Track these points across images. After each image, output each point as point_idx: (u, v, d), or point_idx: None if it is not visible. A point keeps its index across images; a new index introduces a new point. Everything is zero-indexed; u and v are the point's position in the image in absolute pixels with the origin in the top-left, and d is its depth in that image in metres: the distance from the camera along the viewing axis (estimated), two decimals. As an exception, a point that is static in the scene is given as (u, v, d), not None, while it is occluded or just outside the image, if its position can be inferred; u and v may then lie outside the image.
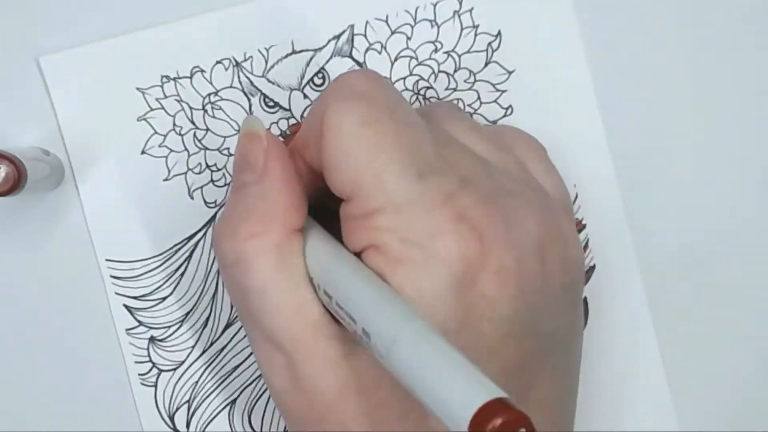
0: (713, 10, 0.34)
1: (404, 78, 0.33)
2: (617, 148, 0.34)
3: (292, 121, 0.33)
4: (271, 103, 0.33)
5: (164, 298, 0.34)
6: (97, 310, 0.33)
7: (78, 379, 0.34)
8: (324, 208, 0.28)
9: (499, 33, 0.33)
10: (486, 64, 0.33)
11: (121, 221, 0.33)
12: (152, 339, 0.34)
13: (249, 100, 0.33)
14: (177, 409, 0.34)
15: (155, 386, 0.34)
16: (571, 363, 0.29)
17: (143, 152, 0.33)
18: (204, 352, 0.34)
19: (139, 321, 0.34)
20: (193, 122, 0.33)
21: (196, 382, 0.34)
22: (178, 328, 0.34)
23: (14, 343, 0.33)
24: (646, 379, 0.34)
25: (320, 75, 0.33)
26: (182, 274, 0.33)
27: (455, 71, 0.33)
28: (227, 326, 0.34)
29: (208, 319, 0.34)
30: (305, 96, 0.33)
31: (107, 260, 0.33)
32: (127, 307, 0.34)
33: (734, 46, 0.34)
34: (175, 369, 0.34)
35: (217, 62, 0.33)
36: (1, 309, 0.33)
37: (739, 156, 0.34)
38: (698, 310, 0.34)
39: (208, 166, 0.33)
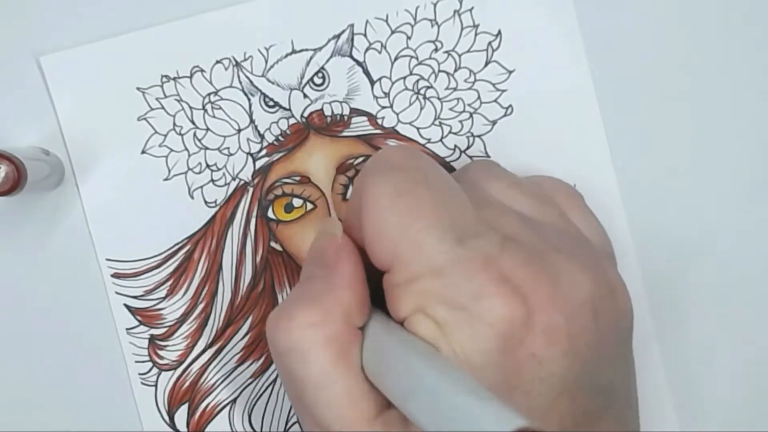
0: (713, 9, 0.34)
1: (404, 77, 0.33)
2: (617, 148, 0.34)
3: (292, 121, 0.33)
4: (271, 103, 0.33)
5: (164, 298, 0.34)
6: (97, 309, 0.33)
7: (78, 379, 0.34)
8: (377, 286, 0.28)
9: (499, 32, 0.33)
10: (486, 64, 0.33)
11: (121, 221, 0.33)
12: (152, 338, 0.34)
13: (249, 99, 0.33)
14: (177, 408, 0.34)
15: (155, 386, 0.34)
16: (631, 414, 0.28)
17: (143, 152, 0.33)
18: (204, 351, 0.34)
19: (139, 320, 0.34)
20: (193, 122, 0.33)
21: (197, 381, 0.34)
22: (178, 328, 0.34)
23: (14, 342, 0.34)
24: (646, 379, 0.34)
25: (320, 74, 0.33)
26: (182, 274, 0.33)
27: (455, 71, 0.33)
28: (227, 326, 0.34)
29: (208, 318, 0.34)
30: (305, 95, 0.33)
31: (107, 260, 0.33)
32: (127, 306, 0.34)
33: (734, 45, 0.34)
34: (175, 368, 0.34)
35: (217, 62, 0.33)
36: (1, 309, 0.33)
37: (739, 155, 0.34)
38: (698, 309, 0.34)
39: (208, 166, 0.33)
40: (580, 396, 0.25)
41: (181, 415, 0.34)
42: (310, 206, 0.33)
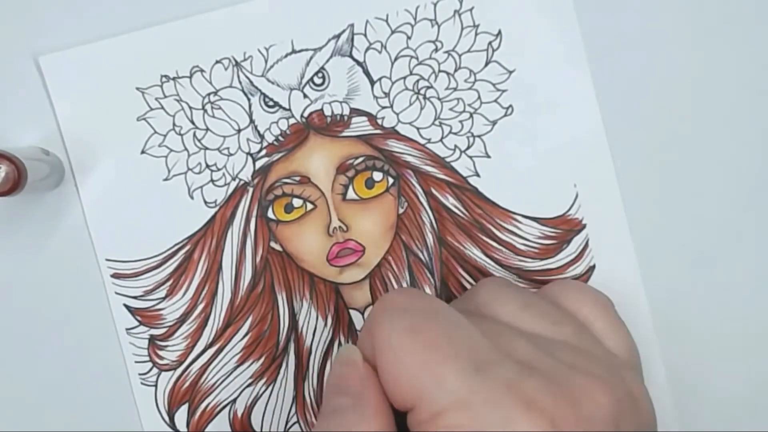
0: (713, 10, 0.33)
1: (404, 77, 0.33)
2: (617, 148, 0.33)
3: (292, 121, 0.33)
4: (271, 103, 0.33)
5: (164, 298, 0.33)
6: (97, 309, 0.33)
7: (78, 379, 0.34)
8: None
9: (499, 32, 0.33)
10: (486, 64, 0.33)
11: (121, 221, 0.33)
12: (152, 338, 0.34)
13: (249, 99, 0.33)
14: (177, 408, 0.34)
15: (155, 386, 0.34)
16: None
17: (143, 152, 0.33)
18: (204, 351, 0.34)
19: (138, 320, 0.34)
20: (192, 122, 0.33)
21: (197, 381, 0.34)
22: (178, 328, 0.34)
23: (14, 342, 0.33)
24: (646, 379, 0.34)
25: (320, 74, 0.33)
26: (182, 274, 0.33)
27: (455, 71, 0.33)
28: (227, 326, 0.34)
29: (208, 318, 0.34)
30: (305, 95, 0.33)
31: (107, 260, 0.33)
32: (127, 306, 0.33)
33: (735, 46, 0.34)
34: (175, 368, 0.34)
35: (217, 62, 0.33)
36: (1, 308, 0.33)
37: (739, 156, 0.34)
38: (698, 309, 0.34)
39: (208, 166, 0.33)
40: None
41: (181, 415, 0.34)
42: (310, 206, 0.33)
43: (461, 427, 0.24)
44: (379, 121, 0.33)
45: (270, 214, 0.33)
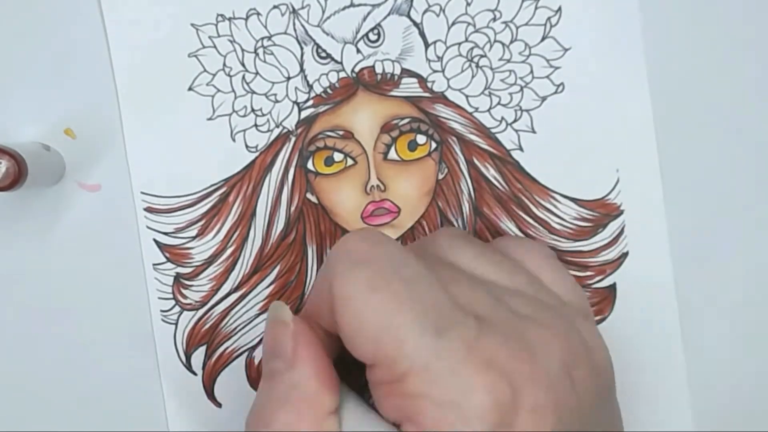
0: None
1: (459, 43, 0.33)
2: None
3: (342, 75, 0.33)
4: (323, 54, 0.33)
5: (194, 237, 0.33)
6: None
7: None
8: (348, 363, 0.28)
9: (559, 9, 0.33)
10: (543, 39, 0.33)
11: (160, 155, 0.33)
12: (178, 276, 0.33)
13: (301, 48, 0.33)
14: (195, 349, 0.34)
15: (176, 324, 0.34)
16: None
17: (190, 89, 0.33)
18: (228, 295, 0.33)
19: (167, 257, 0.33)
20: (243, 64, 0.33)
21: (217, 324, 0.34)
22: (205, 269, 0.33)
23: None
24: (665, 371, 0.34)
25: (375, 31, 0.33)
26: (215, 215, 0.33)
27: (511, 42, 0.33)
28: (254, 272, 0.33)
29: (236, 262, 0.33)
30: (358, 50, 0.33)
31: (142, 192, 0.33)
32: (156, 242, 0.33)
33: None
34: (197, 309, 0.34)
35: (274, 6, 0.33)
36: (1, 307, 0.34)
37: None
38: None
39: (253, 110, 0.33)
40: None
41: (198, 357, 0.34)
42: (350, 162, 0.33)
43: (421, 394, 0.24)
44: (429, 85, 0.33)
45: (309, 166, 0.33)
